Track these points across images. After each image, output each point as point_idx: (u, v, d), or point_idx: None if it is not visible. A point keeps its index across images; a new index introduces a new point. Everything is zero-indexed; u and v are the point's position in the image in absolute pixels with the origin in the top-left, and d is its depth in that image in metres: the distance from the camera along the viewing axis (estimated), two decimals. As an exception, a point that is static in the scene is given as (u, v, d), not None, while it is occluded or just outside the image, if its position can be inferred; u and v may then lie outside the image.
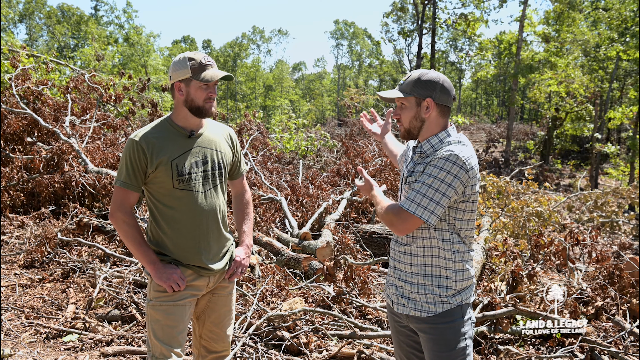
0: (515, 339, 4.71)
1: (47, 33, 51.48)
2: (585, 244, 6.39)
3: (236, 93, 56.69)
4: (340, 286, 5.40)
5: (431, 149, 2.42)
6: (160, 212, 2.70)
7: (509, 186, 8.23)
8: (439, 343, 2.39)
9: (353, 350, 4.28)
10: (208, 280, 2.79)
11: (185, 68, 2.61)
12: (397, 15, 38.94)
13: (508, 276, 5.42)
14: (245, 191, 3.09)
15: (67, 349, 4.26)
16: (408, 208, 2.28)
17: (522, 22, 25.70)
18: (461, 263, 2.39)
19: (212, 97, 2.67)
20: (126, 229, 2.65)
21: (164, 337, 2.66)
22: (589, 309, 4.98)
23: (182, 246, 2.71)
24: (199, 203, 2.71)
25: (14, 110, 8.80)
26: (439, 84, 2.39)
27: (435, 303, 2.38)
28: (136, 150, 2.62)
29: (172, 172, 2.64)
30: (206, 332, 2.92)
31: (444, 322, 2.38)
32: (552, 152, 29.66)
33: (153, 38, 49.74)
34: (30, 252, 6.30)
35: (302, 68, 79.10)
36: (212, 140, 2.81)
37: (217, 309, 2.89)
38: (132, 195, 2.67)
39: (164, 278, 2.62)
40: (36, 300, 5.15)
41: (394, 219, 2.34)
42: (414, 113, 2.43)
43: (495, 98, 62.16)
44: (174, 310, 2.68)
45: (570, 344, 4.51)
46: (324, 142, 16.11)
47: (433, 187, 2.25)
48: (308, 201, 8.71)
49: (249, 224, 3.05)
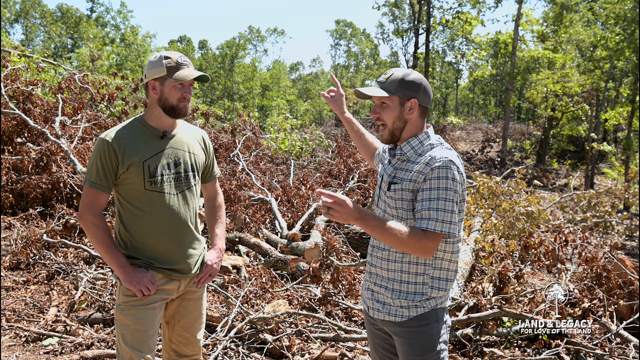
0: (501, 341, 4.67)
1: (43, 33, 51.37)
2: (575, 244, 6.36)
3: (233, 93, 56.63)
4: (328, 288, 5.36)
5: (411, 150, 2.38)
6: (131, 214, 2.64)
7: (499, 186, 8.18)
8: (412, 347, 2.37)
9: (336, 354, 4.24)
10: (179, 285, 2.74)
11: (161, 66, 2.57)
12: (392, 15, 38.96)
13: (495, 277, 5.38)
14: (218, 194, 3.04)
15: (46, 353, 4.21)
16: (434, 228, 2.19)
17: (517, 22, 25.68)
18: (439, 270, 2.36)
19: (186, 97, 2.63)
20: (95, 231, 2.58)
21: (134, 342, 2.59)
22: (575, 311, 4.94)
23: (153, 249, 2.65)
24: (171, 205, 2.65)
25: (3, 111, 8.74)
26: (422, 86, 2.37)
27: (409, 307, 2.35)
28: (107, 150, 2.56)
29: (143, 174, 2.58)
30: (176, 337, 2.86)
31: (418, 325, 2.35)
32: (549, 152, 29.64)
33: (149, 38, 49.72)
34: (15, 254, 6.24)
35: (300, 68, 79.14)
36: (184, 142, 2.76)
37: (187, 313, 2.83)
38: (102, 197, 2.61)
39: (133, 282, 2.56)
40: (18, 303, 5.09)
41: (425, 245, 2.20)
42: (397, 113, 2.38)
43: (493, 98, 62.13)
44: (144, 314, 2.61)
45: (557, 346, 4.47)
46: (318, 142, 16.06)
47: (444, 199, 2.20)
48: (299, 202, 8.66)
49: (221, 227, 2.99)
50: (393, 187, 2.37)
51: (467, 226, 7.85)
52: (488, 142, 30.68)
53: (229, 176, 9.98)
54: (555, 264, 5.96)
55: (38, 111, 9.48)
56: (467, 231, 7.66)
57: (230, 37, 77.08)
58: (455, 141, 30.24)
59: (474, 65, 53.72)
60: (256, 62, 61.48)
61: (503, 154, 25.74)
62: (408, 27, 34.84)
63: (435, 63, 45.97)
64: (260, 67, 64.43)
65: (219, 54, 57.72)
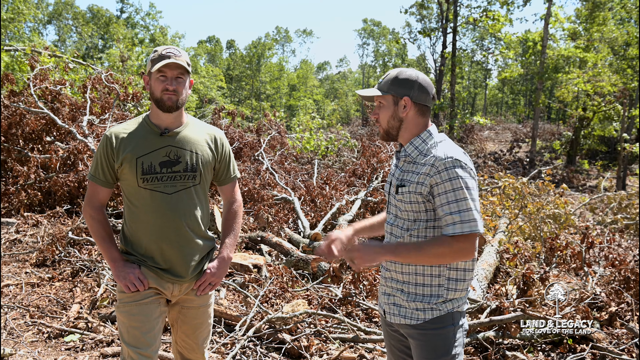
0: (524, 345, 4.58)
1: (75, 34, 52.30)
2: (602, 246, 6.21)
3: (260, 93, 56.90)
4: (349, 288, 5.32)
5: (415, 151, 2.34)
6: (129, 210, 2.62)
7: (525, 187, 8.03)
8: (427, 349, 2.33)
9: (354, 354, 4.20)
10: (172, 288, 2.64)
11: (149, 61, 2.56)
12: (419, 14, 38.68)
13: (519, 279, 5.28)
14: (235, 200, 2.89)
15: (67, 349, 4.26)
16: (462, 231, 2.14)
17: (547, 20, 25.24)
18: (455, 271, 2.31)
19: (169, 88, 2.52)
20: (92, 223, 2.60)
21: (130, 339, 2.56)
22: (602, 315, 4.82)
23: (145, 247, 2.60)
24: (164, 205, 2.56)
25: (32, 110, 8.90)
26: (417, 83, 2.32)
27: (425, 310, 2.31)
28: (105, 145, 2.57)
29: (136, 170, 2.53)
30: (180, 341, 2.83)
31: (433, 328, 2.31)
32: (579, 153, 29.07)
33: (178, 38, 50.21)
34: (42, 251, 6.34)
35: (327, 68, 79.15)
36: (189, 141, 2.65)
37: (187, 321, 2.76)
38: (100, 190, 2.62)
39: (121, 277, 2.54)
40: (42, 300, 5.17)
41: (461, 249, 2.16)
42: (391, 112, 2.36)
43: (522, 97, 61.28)
44: (138, 310, 2.56)
45: (582, 351, 4.37)
46: (344, 142, 16.04)
47: (462, 199, 2.16)
48: (322, 201, 8.63)
49: (232, 237, 2.84)
50: (401, 190, 2.32)
51: (492, 227, 7.72)
52: (517, 142, 30.23)
53: (253, 175, 10.01)
54: (582, 267, 5.82)
55: (67, 110, 9.62)
56: (492, 232, 7.54)
57: (257, 37, 77.48)
58: (484, 141, 29.89)
59: (502, 65, 52.99)
60: (283, 62, 61.66)
61: (532, 155, 25.33)
62: (435, 27, 34.60)
63: (464, 62, 45.44)
64: (287, 67, 64.64)
65: (246, 54, 58.02)
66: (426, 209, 2.27)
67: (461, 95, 34.82)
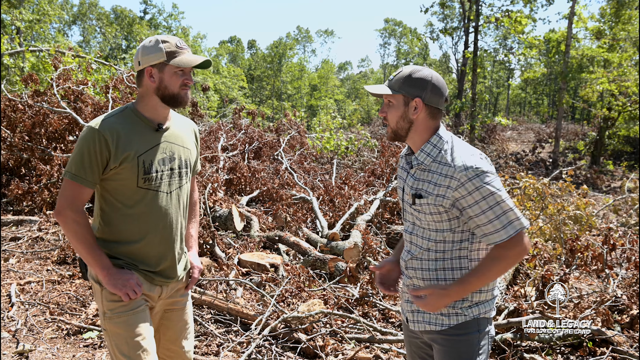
0: (543, 347, 4.52)
1: (100, 35, 52.96)
2: (624, 248, 6.10)
3: (281, 92, 57.06)
4: (366, 288, 5.31)
5: (428, 158, 2.21)
6: (117, 212, 2.40)
7: (545, 188, 7.93)
8: (450, 356, 2.26)
9: (370, 355, 4.19)
10: (160, 291, 2.52)
11: (159, 52, 2.33)
12: (442, 13, 38.42)
13: (538, 281, 5.22)
14: (195, 190, 2.78)
15: (85, 346, 4.32)
16: (508, 235, 2.08)
17: (570, 20, 24.89)
18: None
19: (188, 84, 2.39)
20: (76, 228, 2.30)
21: (131, 352, 2.34)
22: (623, 318, 4.74)
23: (139, 251, 2.42)
24: (163, 205, 2.44)
25: (55, 109, 9.03)
26: (431, 83, 2.18)
27: (449, 315, 2.25)
28: (98, 142, 2.28)
29: (138, 170, 2.34)
30: (163, 350, 2.65)
31: (457, 334, 2.25)
32: (604, 153, 28.62)
33: (200, 39, 50.59)
34: (63, 249, 6.43)
35: (348, 68, 79.12)
36: (178, 135, 2.52)
37: (171, 325, 2.63)
38: (85, 192, 2.33)
39: (119, 285, 2.31)
40: (62, 297, 5.24)
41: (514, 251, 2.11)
42: (401, 113, 2.22)
43: (545, 97, 60.55)
44: (135, 319, 2.38)
45: (602, 354, 4.30)
46: (364, 142, 16.01)
47: (495, 204, 2.07)
48: (340, 201, 8.62)
49: (195, 227, 2.77)
50: (419, 202, 2.22)
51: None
52: (540, 142, 29.86)
53: (272, 175, 10.04)
54: (603, 269, 5.73)
55: (89, 110, 9.74)
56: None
57: (278, 38, 77.75)
58: (506, 141, 29.57)
59: (525, 64, 52.40)
60: (304, 62, 61.77)
61: (555, 155, 25.02)
62: (457, 26, 34.35)
63: (487, 62, 45.03)
64: (308, 66, 64.71)
65: (267, 54, 58.24)
66: (449, 218, 2.17)
67: (483, 96, 34.48)
